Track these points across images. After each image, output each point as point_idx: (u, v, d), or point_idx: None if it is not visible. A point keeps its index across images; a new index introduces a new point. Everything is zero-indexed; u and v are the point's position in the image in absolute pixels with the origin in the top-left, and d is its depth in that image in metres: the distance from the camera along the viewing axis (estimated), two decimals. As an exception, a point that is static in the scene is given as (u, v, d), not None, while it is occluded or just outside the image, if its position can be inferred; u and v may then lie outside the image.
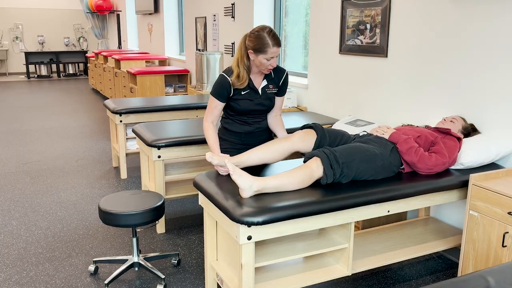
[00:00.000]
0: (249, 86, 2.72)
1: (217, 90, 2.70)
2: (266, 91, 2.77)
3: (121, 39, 11.94)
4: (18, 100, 9.62)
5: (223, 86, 2.68)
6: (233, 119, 2.83)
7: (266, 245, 2.47)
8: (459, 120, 2.92)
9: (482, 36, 2.86)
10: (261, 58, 2.58)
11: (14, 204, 4.09)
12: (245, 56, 2.64)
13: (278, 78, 2.80)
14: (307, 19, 4.90)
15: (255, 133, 2.86)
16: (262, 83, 2.75)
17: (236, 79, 2.67)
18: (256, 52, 2.58)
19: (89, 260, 3.13)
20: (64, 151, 5.78)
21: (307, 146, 2.60)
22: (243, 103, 2.73)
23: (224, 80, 2.68)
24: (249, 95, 2.73)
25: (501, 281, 1.43)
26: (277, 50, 2.57)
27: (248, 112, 2.77)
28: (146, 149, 3.53)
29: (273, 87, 2.79)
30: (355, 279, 2.90)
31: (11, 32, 13.97)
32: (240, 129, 2.82)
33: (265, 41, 2.54)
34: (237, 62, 2.67)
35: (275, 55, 2.58)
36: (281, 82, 2.82)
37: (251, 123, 2.82)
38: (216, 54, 5.89)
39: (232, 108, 2.77)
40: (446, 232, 3.02)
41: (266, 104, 2.79)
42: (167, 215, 3.90)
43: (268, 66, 2.61)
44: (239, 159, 2.48)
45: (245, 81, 2.68)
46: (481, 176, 2.48)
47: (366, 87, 3.87)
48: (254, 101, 2.74)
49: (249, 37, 2.60)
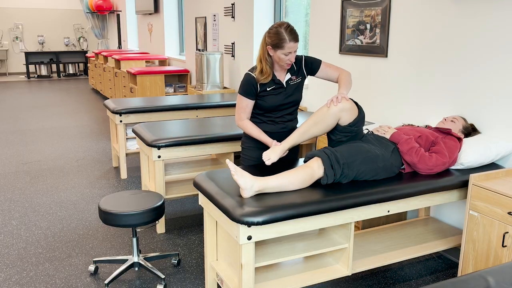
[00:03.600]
0: (274, 81, 2.75)
1: (245, 88, 2.73)
2: (290, 84, 2.79)
3: (121, 39, 11.94)
4: (18, 100, 9.62)
5: (249, 83, 2.71)
6: (259, 118, 2.84)
7: (266, 245, 2.47)
8: (460, 120, 2.92)
9: (482, 36, 2.86)
10: (279, 53, 2.61)
11: (14, 204, 4.09)
12: (266, 52, 2.69)
13: (300, 67, 2.82)
14: (307, 19, 4.90)
15: (279, 133, 2.85)
16: (286, 77, 2.78)
17: (260, 74, 2.71)
18: (275, 48, 2.62)
19: (89, 260, 3.13)
20: (64, 151, 5.78)
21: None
22: (269, 99, 2.74)
23: (250, 77, 2.72)
24: (275, 91, 2.75)
25: (501, 281, 1.43)
26: (295, 45, 2.60)
27: (276, 108, 2.77)
28: (146, 149, 3.53)
29: (295, 77, 2.81)
30: (355, 279, 2.90)
31: (11, 32, 13.97)
32: (265, 127, 2.83)
33: (282, 37, 2.57)
34: (260, 59, 2.72)
35: (293, 50, 2.61)
36: (304, 67, 2.82)
37: (277, 121, 2.83)
38: (216, 54, 5.89)
39: (259, 106, 2.78)
40: (446, 232, 3.02)
41: (292, 96, 2.79)
42: (167, 215, 3.90)
43: (287, 61, 2.64)
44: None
45: (268, 75, 2.70)
46: (481, 176, 2.48)
47: (366, 87, 3.87)
48: (280, 96, 2.76)
49: (268, 33, 2.64)
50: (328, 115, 2.47)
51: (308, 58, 2.84)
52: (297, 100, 2.84)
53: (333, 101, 2.47)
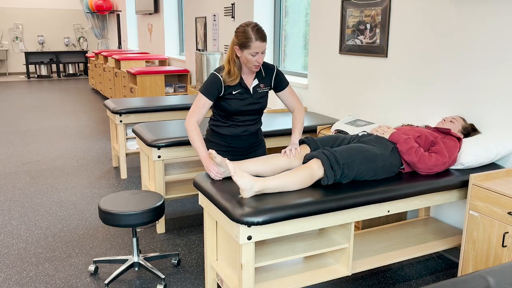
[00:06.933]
0: (241, 85, 2.67)
1: (207, 88, 2.63)
2: (257, 91, 2.72)
3: (121, 39, 11.94)
4: (18, 100, 9.62)
5: (214, 84, 2.62)
6: (222, 121, 2.77)
7: (266, 245, 2.47)
8: (459, 120, 2.92)
9: (482, 35, 2.86)
10: (246, 53, 2.54)
11: (14, 204, 4.09)
12: (234, 53, 2.62)
13: (270, 76, 2.76)
14: (307, 19, 4.90)
15: (242, 137, 2.80)
16: (253, 83, 2.71)
17: (227, 75, 2.62)
18: (241, 48, 2.54)
19: (89, 260, 3.13)
20: (64, 151, 5.78)
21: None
22: (234, 103, 2.67)
23: (215, 78, 2.63)
24: (240, 95, 2.68)
25: (501, 281, 1.43)
26: (261, 45, 2.52)
27: (239, 112, 2.71)
28: (146, 149, 3.53)
29: (264, 86, 2.74)
30: (355, 279, 2.90)
31: (11, 32, 13.97)
32: (227, 131, 2.76)
33: (248, 35, 2.50)
34: (228, 60, 2.64)
35: (260, 50, 2.53)
36: (273, 78, 2.76)
37: (239, 125, 2.76)
38: (216, 54, 5.89)
39: (222, 109, 2.71)
40: (446, 232, 3.02)
41: (257, 104, 2.73)
42: (167, 215, 3.90)
43: (254, 62, 2.56)
44: (238, 165, 2.46)
45: (236, 77, 2.63)
46: (481, 176, 2.48)
47: (366, 87, 3.87)
48: (245, 101, 2.69)
49: (235, 33, 2.57)
50: (281, 166, 2.53)
51: (279, 73, 2.79)
52: (262, 108, 2.77)
53: (286, 154, 2.56)
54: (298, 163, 2.56)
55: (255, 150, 2.90)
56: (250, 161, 2.48)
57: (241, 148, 2.84)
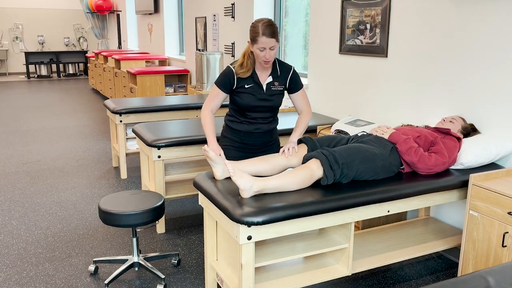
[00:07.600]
0: (254, 80, 2.70)
1: (221, 79, 2.72)
2: (270, 88, 2.74)
3: (121, 39, 11.94)
4: (18, 100, 9.62)
5: (226, 75, 2.69)
6: (236, 116, 2.81)
7: (266, 245, 2.47)
8: (459, 120, 2.92)
9: (482, 35, 2.86)
10: (255, 48, 2.58)
11: (14, 204, 4.09)
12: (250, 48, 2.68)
13: (285, 76, 2.77)
14: (307, 19, 4.90)
15: (254, 134, 2.82)
16: (268, 79, 2.73)
17: (239, 67, 2.68)
18: (252, 42, 2.59)
19: (89, 260, 3.13)
20: (64, 151, 5.78)
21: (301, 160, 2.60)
22: (246, 97, 2.70)
23: (228, 70, 2.70)
24: (253, 90, 2.71)
25: (501, 281, 1.43)
26: (268, 40, 2.52)
27: (251, 108, 2.73)
28: (146, 149, 3.53)
29: (278, 84, 2.75)
30: (355, 279, 2.90)
31: (11, 32, 13.97)
32: (241, 127, 2.80)
33: (256, 30, 2.54)
34: (244, 53, 2.71)
35: (267, 46, 2.54)
36: (289, 79, 2.77)
37: (252, 122, 2.79)
38: (216, 54, 5.89)
39: (235, 103, 2.75)
40: (446, 232, 3.02)
41: (269, 101, 2.74)
42: (167, 215, 3.90)
43: (263, 58, 2.58)
44: (236, 165, 2.47)
45: (248, 70, 2.67)
46: (481, 176, 2.48)
47: (366, 87, 3.87)
48: (257, 96, 2.71)
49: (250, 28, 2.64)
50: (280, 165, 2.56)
51: (296, 74, 2.79)
52: (274, 106, 2.78)
53: (284, 152, 2.59)
54: (297, 162, 2.57)
55: (267, 149, 2.90)
56: (249, 161, 2.49)
57: (253, 146, 2.85)
